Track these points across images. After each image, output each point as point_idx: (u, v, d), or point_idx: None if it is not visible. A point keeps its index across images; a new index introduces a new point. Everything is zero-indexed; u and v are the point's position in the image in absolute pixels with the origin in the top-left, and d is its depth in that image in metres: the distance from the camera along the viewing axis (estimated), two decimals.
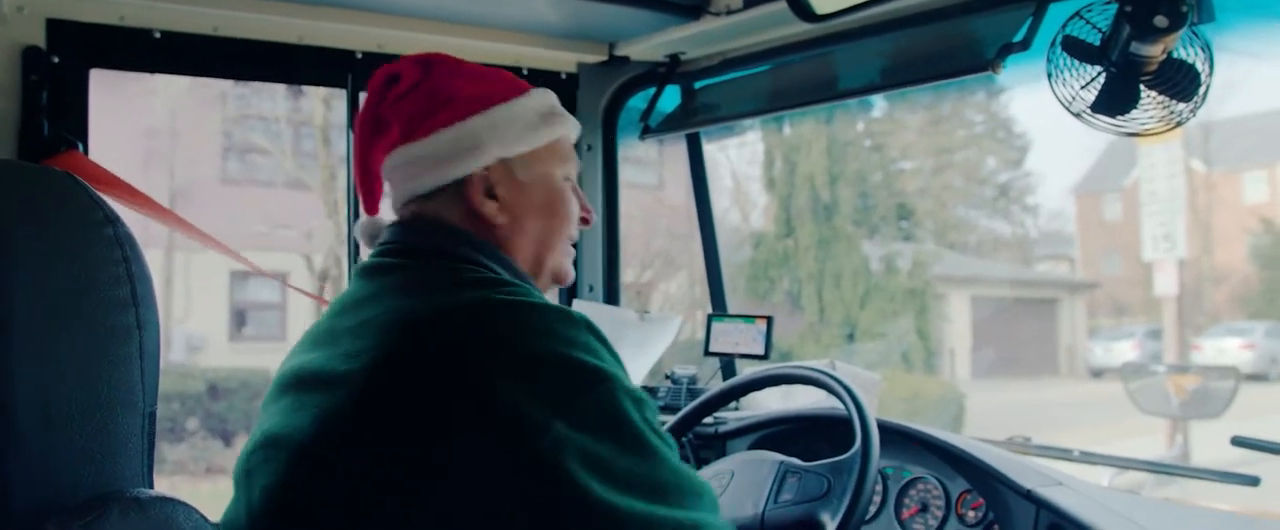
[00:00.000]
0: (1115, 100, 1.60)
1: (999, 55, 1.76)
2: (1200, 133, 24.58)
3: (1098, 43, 1.60)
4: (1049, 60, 1.63)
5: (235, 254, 2.15)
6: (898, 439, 1.80)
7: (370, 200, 1.33)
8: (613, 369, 1.08)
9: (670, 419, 1.78)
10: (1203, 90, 1.57)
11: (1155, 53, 1.53)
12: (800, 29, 2.09)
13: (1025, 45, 1.73)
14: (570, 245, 1.35)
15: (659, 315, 2.39)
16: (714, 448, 2.06)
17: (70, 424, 0.83)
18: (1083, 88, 1.62)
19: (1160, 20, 1.48)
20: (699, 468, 1.83)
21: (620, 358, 1.13)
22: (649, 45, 2.30)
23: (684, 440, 2.01)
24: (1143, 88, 1.59)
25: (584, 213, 1.35)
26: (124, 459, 0.87)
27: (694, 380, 2.28)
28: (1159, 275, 12.29)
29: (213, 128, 13.06)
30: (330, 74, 2.07)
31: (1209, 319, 22.74)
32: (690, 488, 1.08)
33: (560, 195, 1.31)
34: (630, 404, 1.06)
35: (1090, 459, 2.13)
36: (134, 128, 11.32)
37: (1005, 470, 1.65)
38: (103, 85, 1.90)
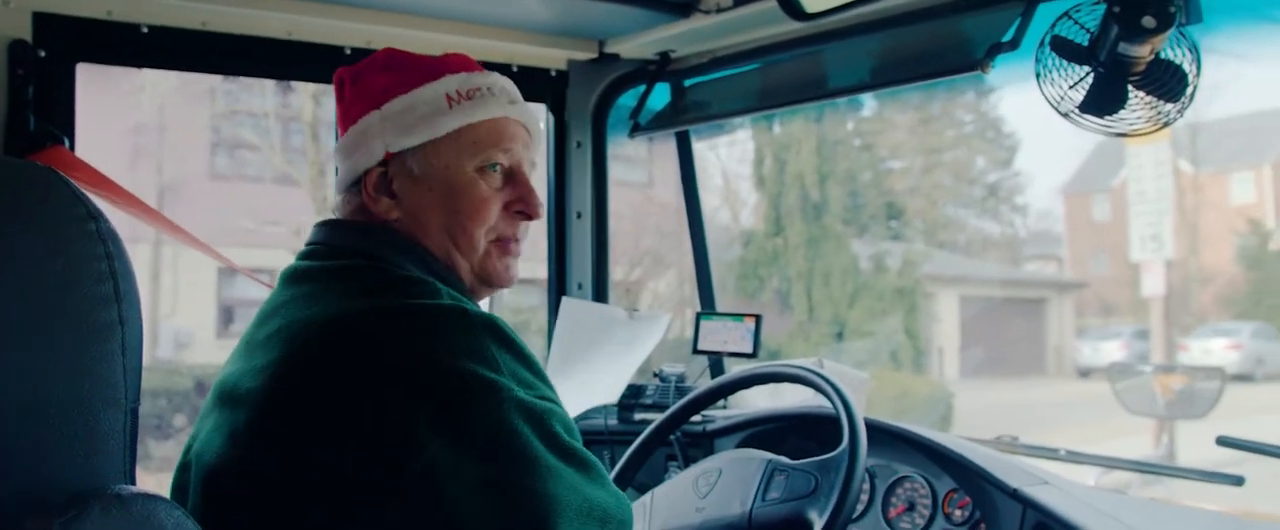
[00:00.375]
0: (1103, 100, 1.60)
1: (988, 55, 1.77)
2: (1188, 134, 24.67)
3: (1086, 43, 1.60)
4: (1038, 60, 1.64)
5: (217, 254, 2.14)
6: (885, 438, 1.80)
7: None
8: (505, 381, 1.02)
9: (658, 417, 1.78)
10: (1190, 91, 1.57)
11: (1143, 53, 1.54)
12: (790, 27, 2.09)
13: (1014, 45, 1.73)
14: (503, 241, 1.25)
15: (647, 313, 2.39)
16: (702, 446, 2.06)
17: (51, 420, 0.83)
18: (1071, 88, 1.62)
19: (1148, 21, 1.48)
20: (686, 465, 1.83)
21: (535, 360, 1.07)
22: (639, 43, 2.30)
23: (673, 438, 2.01)
24: (1130, 88, 1.59)
25: (521, 205, 1.25)
26: (105, 456, 0.87)
27: (682, 378, 2.28)
28: (1146, 276, 12.35)
29: (201, 123, 13.00)
30: (319, 69, 2.06)
31: (1196, 319, 22.84)
32: (591, 504, 1.03)
33: (464, 187, 1.21)
34: (520, 418, 1.01)
35: (1076, 458, 2.13)
36: (122, 123, 11.27)
37: (992, 469, 1.65)
38: (90, 80, 1.89)
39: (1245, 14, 1.83)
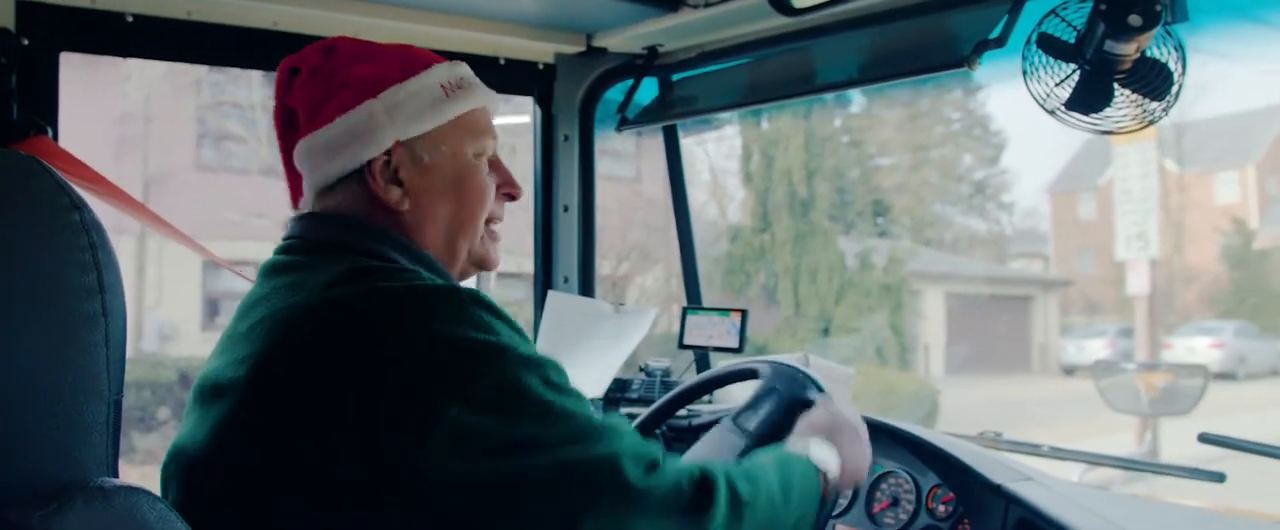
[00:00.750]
0: (1089, 98, 1.60)
1: (975, 51, 1.77)
2: (1173, 133, 24.82)
3: (1072, 41, 1.61)
4: (1024, 57, 1.64)
5: (198, 246, 2.12)
6: (869, 433, 1.80)
7: (294, 194, 1.29)
8: (505, 341, 1.05)
9: (643, 412, 1.78)
10: (1175, 89, 1.58)
11: (1129, 51, 1.54)
12: (778, 23, 2.09)
13: (1001, 42, 1.73)
14: (492, 226, 1.30)
15: (634, 307, 2.38)
16: (686, 440, 2.06)
17: (33, 412, 0.82)
18: (1057, 85, 1.63)
19: (1134, 19, 1.49)
20: None
21: (519, 327, 1.10)
22: (627, 36, 2.30)
23: (658, 432, 2.01)
24: (1116, 86, 1.60)
25: (508, 188, 1.30)
26: (88, 448, 0.86)
27: (668, 373, 2.28)
28: (1131, 274, 12.42)
29: (187, 114, 12.95)
30: None
31: (1180, 318, 22.98)
32: (602, 430, 1.07)
33: (470, 173, 1.26)
34: (526, 373, 1.04)
35: (1060, 454, 2.14)
36: (107, 113, 11.21)
37: (975, 465, 1.66)
38: (74, 69, 1.87)
39: (1231, 14, 1.84)
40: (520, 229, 2.79)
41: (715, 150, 17.36)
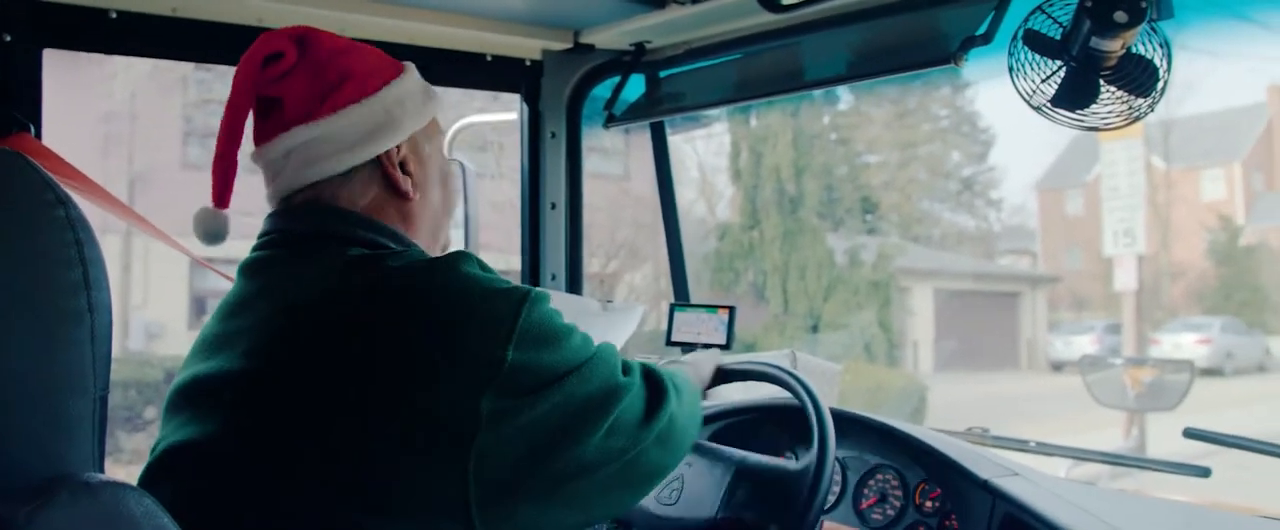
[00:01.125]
0: (1075, 94, 1.61)
1: (961, 48, 1.77)
2: (1160, 130, 24.95)
3: (1058, 37, 1.61)
4: (1011, 54, 1.64)
5: (183, 248, 2.11)
6: (857, 429, 1.80)
7: (226, 190, 1.25)
8: (521, 285, 1.12)
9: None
10: (1161, 86, 1.58)
11: (1115, 48, 1.54)
12: (765, 19, 2.09)
13: (987, 39, 1.74)
14: None
15: (621, 305, 2.38)
16: None
17: (18, 407, 0.82)
18: (1043, 81, 1.63)
19: (1120, 15, 1.49)
20: None
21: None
22: (614, 33, 2.29)
23: None
24: (1102, 82, 1.60)
25: None
26: (74, 443, 0.86)
27: None
28: (1119, 270, 12.48)
29: (173, 112, 12.89)
30: None
31: (1167, 314, 23.11)
32: (586, 338, 1.17)
33: (447, 168, 1.34)
34: (546, 307, 1.12)
35: (1047, 450, 2.15)
36: (92, 111, 11.15)
37: (962, 461, 1.66)
38: (58, 67, 1.86)
39: (1218, 11, 1.84)
40: (508, 226, 2.79)
41: (704, 148, 17.39)
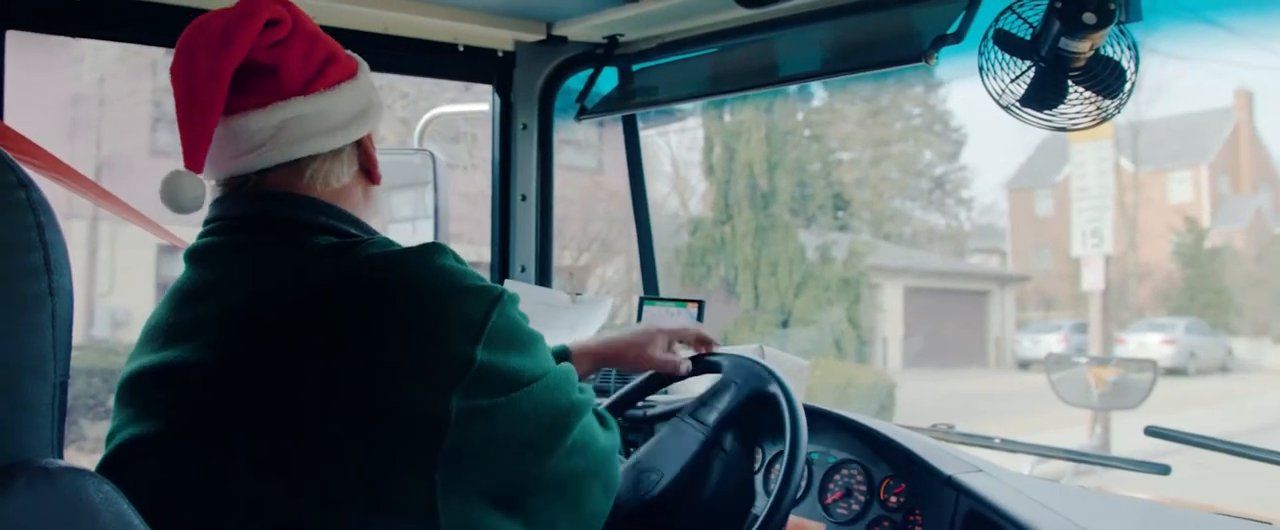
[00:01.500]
0: (1044, 94, 1.62)
1: (932, 46, 1.77)
2: (1129, 132, 25.20)
3: (1028, 37, 1.62)
4: (981, 53, 1.65)
5: (160, 229, 2.08)
6: (824, 425, 1.81)
7: (200, 155, 1.14)
8: (494, 284, 1.11)
9: (602, 401, 1.78)
10: (1128, 87, 1.60)
11: (1083, 49, 1.56)
12: (738, 15, 2.09)
13: (958, 37, 1.74)
14: None
15: (591, 297, 2.38)
16: (642, 431, 2.07)
17: None
18: (1013, 81, 1.64)
19: (1089, 17, 1.50)
20: (627, 451, 1.83)
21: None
22: (587, 25, 2.28)
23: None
24: (1071, 83, 1.61)
25: None
26: (32, 429, 0.85)
27: None
28: (1086, 270, 12.59)
29: (143, 97, 12.73)
30: None
31: (1133, 314, 23.37)
32: (547, 350, 1.16)
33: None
34: (515, 309, 1.11)
35: (1011, 447, 2.17)
36: (58, 95, 11.01)
37: (927, 457, 1.67)
38: (22, 48, 1.83)
39: (1186, 15, 1.86)
40: (478, 217, 2.78)
41: (677, 142, 17.38)
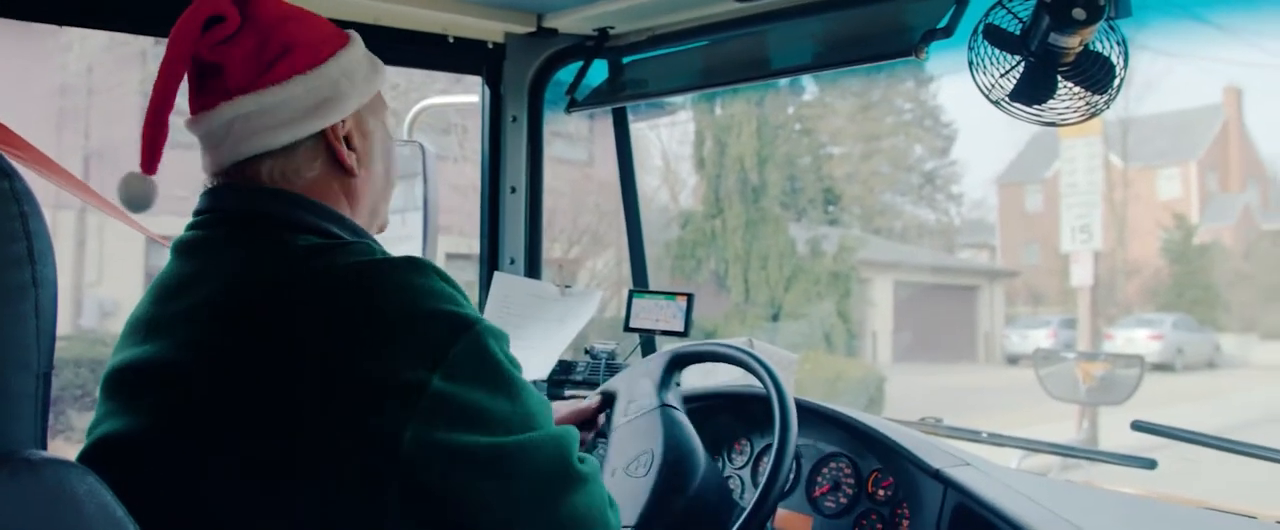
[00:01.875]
0: (1033, 89, 1.62)
1: (922, 41, 1.78)
2: (1119, 128, 25.27)
3: (1018, 32, 1.62)
4: (971, 48, 1.65)
5: (137, 224, 2.07)
6: (812, 418, 1.81)
7: (154, 156, 1.19)
8: (473, 312, 1.07)
9: (590, 394, 1.78)
10: (1117, 83, 1.60)
11: (1073, 44, 1.56)
12: (729, 7, 2.09)
13: (948, 32, 1.75)
14: None
15: (580, 290, 2.38)
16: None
17: None
18: (1002, 76, 1.64)
19: (1078, 13, 1.50)
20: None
21: (466, 295, 1.12)
22: (578, 18, 2.28)
23: (604, 414, 2.01)
24: (1060, 78, 1.61)
25: None
26: (15, 420, 0.84)
27: (613, 356, 2.27)
28: (1075, 266, 12.62)
29: (132, 87, 12.66)
30: None
31: (1121, 310, 23.47)
32: (546, 408, 1.11)
33: (390, 141, 1.29)
34: (494, 344, 1.06)
35: (999, 441, 2.18)
36: (46, 84, 10.94)
37: (915, 450, 1.67)
38: (9, 37, 1.82)
39: (1176, 11, 1.86)
40: (468, 209, 2.78)
41: (668, 135, 17.38)
